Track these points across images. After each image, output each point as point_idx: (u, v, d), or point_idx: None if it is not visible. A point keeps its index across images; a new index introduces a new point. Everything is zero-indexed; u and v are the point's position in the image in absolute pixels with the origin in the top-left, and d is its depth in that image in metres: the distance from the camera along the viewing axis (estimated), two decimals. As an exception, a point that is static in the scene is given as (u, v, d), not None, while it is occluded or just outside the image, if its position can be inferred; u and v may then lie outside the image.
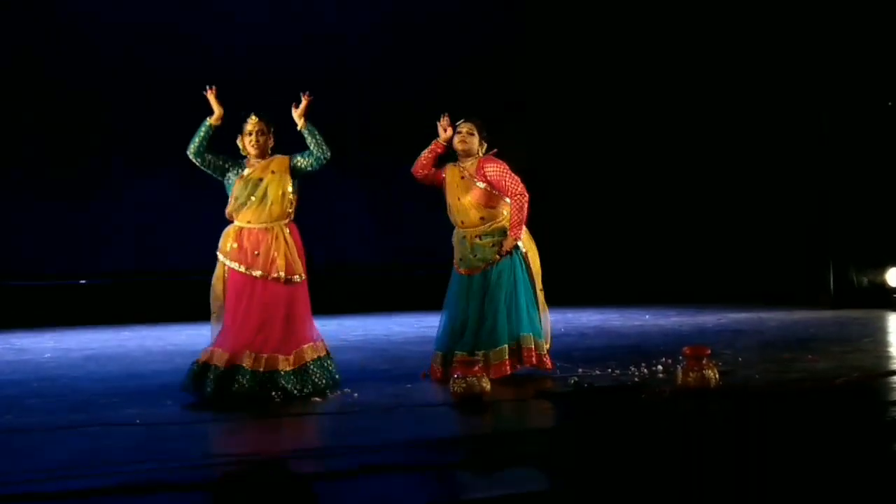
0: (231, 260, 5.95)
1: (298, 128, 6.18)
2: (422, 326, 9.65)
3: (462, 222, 6.45)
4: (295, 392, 5.79)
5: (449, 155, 6.63)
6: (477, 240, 6.40)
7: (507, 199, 6.45)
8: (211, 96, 6.13)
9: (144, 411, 5.52)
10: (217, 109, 6.11)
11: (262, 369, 5.76)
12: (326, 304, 11.25)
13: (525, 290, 6.42)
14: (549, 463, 4.27)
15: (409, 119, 11.64)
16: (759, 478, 3.93)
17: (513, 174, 6.42)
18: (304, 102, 6.21)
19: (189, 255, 7.89)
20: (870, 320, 9.40)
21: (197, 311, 10.29)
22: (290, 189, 6.09)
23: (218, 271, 6.06)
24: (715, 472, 4.02)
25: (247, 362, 5.74)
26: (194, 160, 6.10)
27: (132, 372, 7.16)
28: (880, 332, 8.75)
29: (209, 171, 6.14)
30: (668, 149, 12.23)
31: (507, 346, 6.30)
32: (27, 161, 11.09)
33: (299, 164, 6.14)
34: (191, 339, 8.66)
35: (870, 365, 6.61)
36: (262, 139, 6.08)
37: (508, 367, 6.30)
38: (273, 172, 6.04)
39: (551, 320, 6.67)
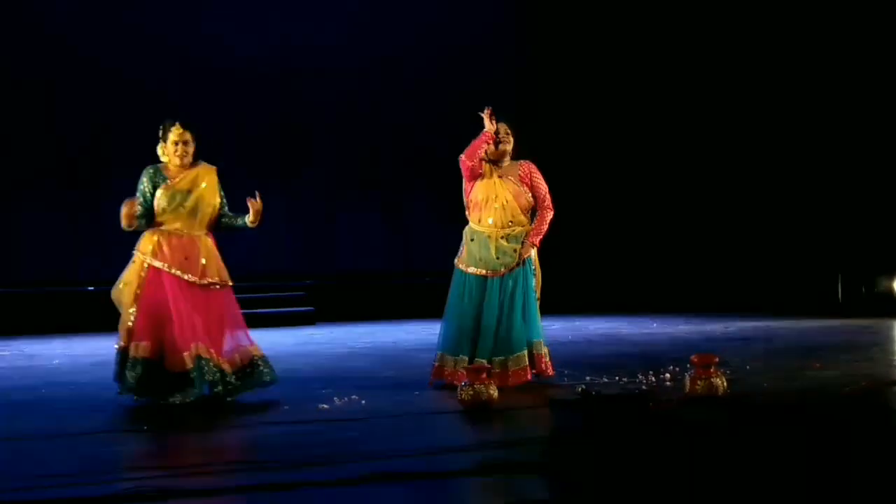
0: (158, 260, 5.90)
1: (249, 222, 6.17)
2: (430, 334, 9.61)
3: (491, 221, 6.41)
4: (233, 395, 5.91)
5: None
6: (502, 241, 6.39)
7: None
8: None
9: (152, 418, 5.53)
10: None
11: (208, 367, 5.83)
12: (335, 312, 11.36)
13: (534, 297, 6.47)
14: (556, 471, 4.27)
15: (416, 129, 11.73)
16: (767, 486, 3.93)
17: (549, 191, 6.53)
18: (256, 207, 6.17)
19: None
20: (878, 329, 9.37)
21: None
22: (218, 203, 6.15)
23: (133, 272, 5.98)
24: (723, 481, 4.01)
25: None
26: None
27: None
28: (889, 341, 8.73)
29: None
30: (677, 157, 12.23)
31: (525, 351, 6.35)
32: (37, 170, 11.15)
33: (222, 207, 6.21)
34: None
35: (879, 373, 6.60)
36: (186, 149, 6.05)
37: (529, 374, 6.35)
38: (204, 186, 6.07)
39: (557, 327, 6.70)
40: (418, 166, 11.82)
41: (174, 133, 6.04)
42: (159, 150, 6.10)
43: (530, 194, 6.45)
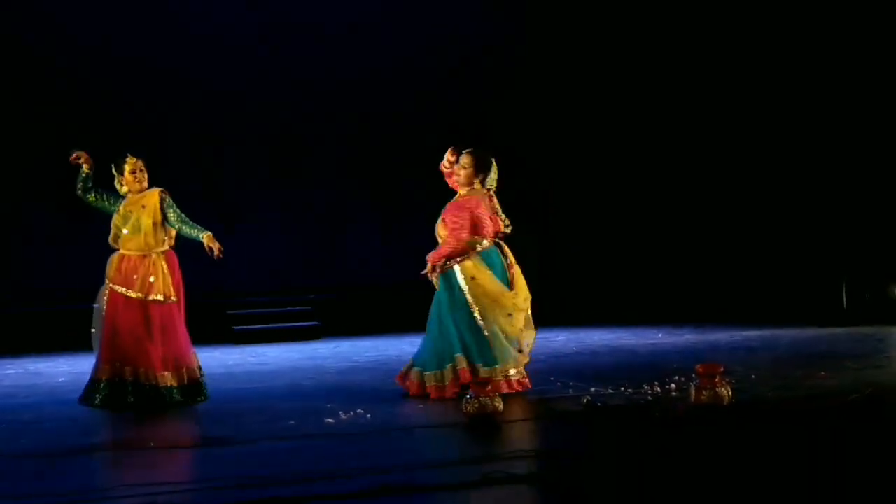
0: (114, 283, 6.64)
1: (204, 238, 6.74)
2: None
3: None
4: (172, 406, 6.47)
5: None
6: None
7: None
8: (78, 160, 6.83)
9: (158, 434, 5.54)
10: (85, 166, 6.82)
11: (143, 382, 6.47)
12: (340, 326, 11.36)
13: (456, 313, 6.61)
14: (561, 483, 4.27)
15: (419, 140, 11.74)
16: (773, 495, 3.92)
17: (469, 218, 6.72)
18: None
19: (201, 281, 7.97)
20: (883, 336, 9.35)
21: (209, 335, 10.39)
22: (160, 221, 6.72)
23: (102, 292, 6.72)
24: (729, 490, 4.01)
25: (128, 376, 6.44)
26: (83, 199, 6.82)
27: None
28: (894, 349, 8.70)
29: (98, 208, 6.82)
30: (679, 167, 12.21)
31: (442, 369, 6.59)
32: (42, 189, 11.18)
33: (170, 217, 6.75)
34: (204, 363, 8.66)
35: (884, 381, 6.59)
36: (142, 175, 6.76)
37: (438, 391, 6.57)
38: (143, 207, 6.70)
39: (561, 339, 6.73)
40: (423, 179, 11.82)
41: (129, 164, 6.74)
42: (117, 185, 6.80)
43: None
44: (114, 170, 6.82)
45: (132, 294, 6.59)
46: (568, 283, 12.15)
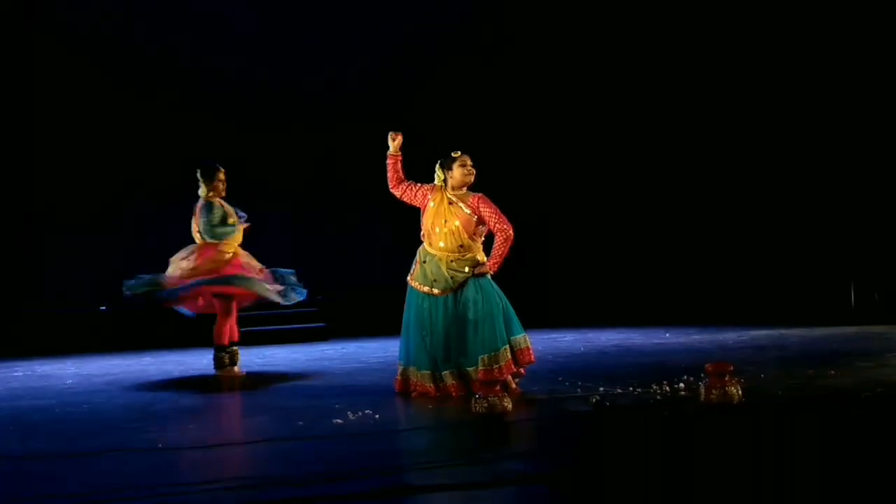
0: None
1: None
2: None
3: (442, 245, 6.68)
4: None
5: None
6: (453, 264, 6.63)
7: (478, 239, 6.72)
8: None
9: (166, 436, 5.54)
10: None
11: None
12: (347, 327, 11.36)
13: (503, 299, 6.62)
14: (570, 483, 4.25)
15: (427, 140, 11.74)
16: (783, 495, 3.90)
17: (502, 214, 6.71)
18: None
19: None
20: (893, 335, 9.32)
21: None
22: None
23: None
24: (739, 489, 3.99)
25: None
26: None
27: (154, 397, 7.18)
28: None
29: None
30: (685, 167, 12.21)
31: (506, 348, 6.46)
32: (49, 192, 11.20)
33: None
34: (211, 365, 8.68)
35: (894, 380, 6.56)
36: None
37: (513, 367, 6.46)
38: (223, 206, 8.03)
39: (569, 339, 6.75)
40: (431, 180, 11.81)
41: (222, 172, 7.99)
42: (208, 190, 7.86)
43: (477, 220, 6.67)
44: (208, 175, 7.84)
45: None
46: (574, 284, 12.14)
